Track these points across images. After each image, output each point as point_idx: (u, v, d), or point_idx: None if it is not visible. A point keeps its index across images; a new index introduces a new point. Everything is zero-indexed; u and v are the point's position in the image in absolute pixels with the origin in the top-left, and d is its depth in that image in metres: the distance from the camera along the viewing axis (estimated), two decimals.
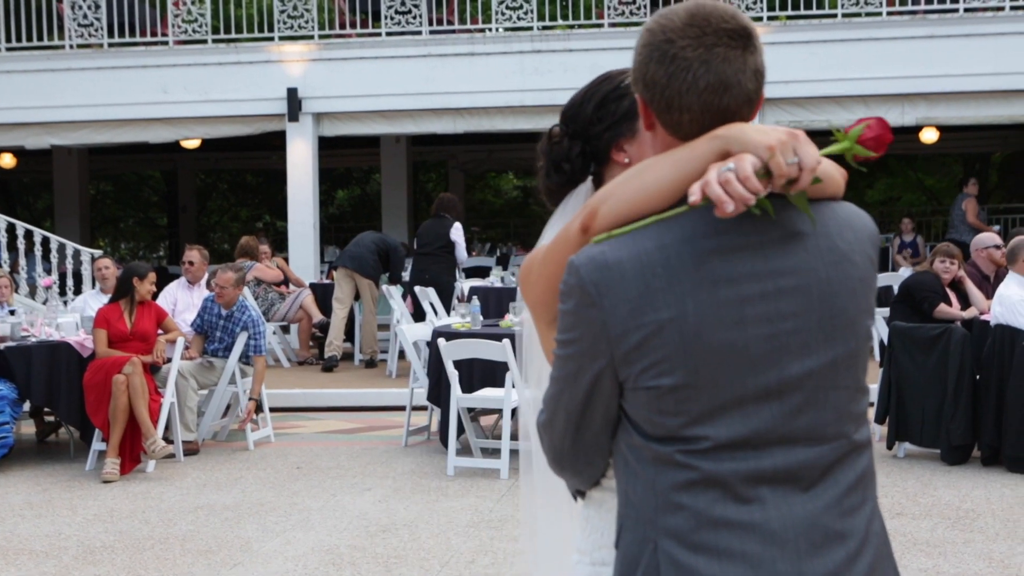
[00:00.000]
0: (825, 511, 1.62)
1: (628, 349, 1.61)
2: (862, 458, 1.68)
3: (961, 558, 5.23)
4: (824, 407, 1.64)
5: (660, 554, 1.62)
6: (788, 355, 1.61)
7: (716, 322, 1.59)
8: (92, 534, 5.99)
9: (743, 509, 1.60)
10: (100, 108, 13.51)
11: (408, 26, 13.34)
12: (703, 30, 1.62)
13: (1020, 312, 6.91)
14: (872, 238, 1.72)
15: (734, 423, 1.60)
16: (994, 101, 12.61)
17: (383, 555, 5.49)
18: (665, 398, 1.61)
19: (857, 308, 1.66)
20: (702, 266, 1.59)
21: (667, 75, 1.63)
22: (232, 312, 8.41)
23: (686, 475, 1.61)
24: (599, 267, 1.60)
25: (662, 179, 1.63)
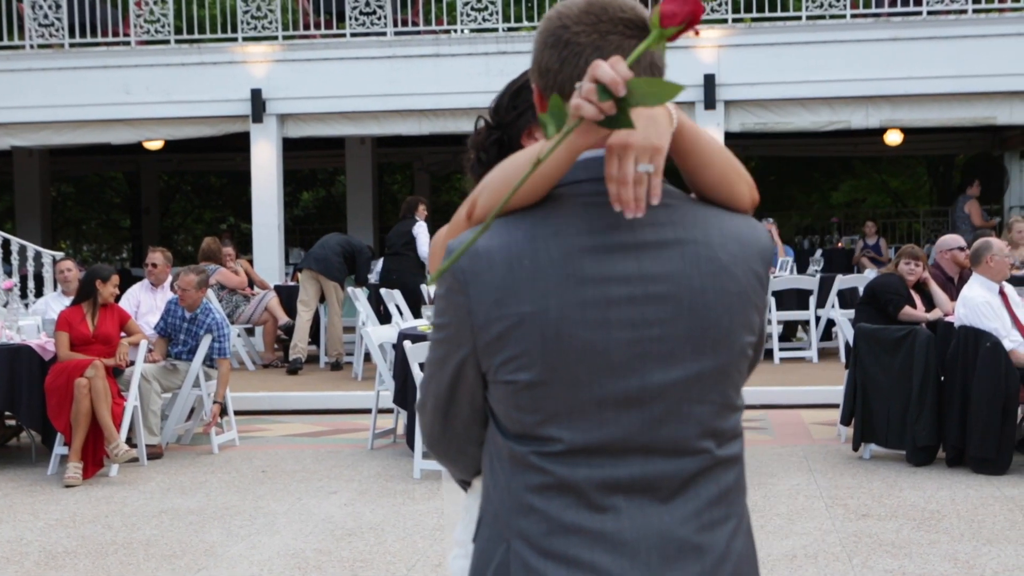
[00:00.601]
0: (682, 524, 1.59)
1: (490, 339, 1.58)
2: (728, 473, 1.64)
3: (926, 559, 5.24)
4: (687, 420, 1.60)
5: (512, 555, 1.59)
6: (651, 363, 1.57)
7: (578, 321, 1.55)
8: (54, 539, 5.92)
9: (596, 517, 1.57)
10: (61, 109, 13.39)
11: (372, 27, 13.30)
12: (599, 17, 1.59)
13: (984, 314, 6.96)
14: (761, 253, 1.66)
15: (591, 428, 1.57)
16: (957, 103, 12.74)
17: (349, 559, 5.46)
18: (522, 394, 1.58)
19: (732, 323, 1.61)
20: (570, 263, 1.56)
21: (559, 60, 1.60)
22: (196, 315, 8.34)
23: (540, 478, 1.58)
24: (469, 254, 1.58)
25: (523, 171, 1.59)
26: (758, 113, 12.94)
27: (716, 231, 1.62)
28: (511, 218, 1.60)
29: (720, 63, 12.78)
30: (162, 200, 25.63)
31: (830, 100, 12.83)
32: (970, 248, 7.60)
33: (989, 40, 12.46)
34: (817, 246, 18.71)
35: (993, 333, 6.91)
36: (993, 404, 6.84)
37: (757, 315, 1.66)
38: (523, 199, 1.59)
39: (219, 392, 8.19)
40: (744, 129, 13.15)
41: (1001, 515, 5.99)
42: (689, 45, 12.82)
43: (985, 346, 6.88)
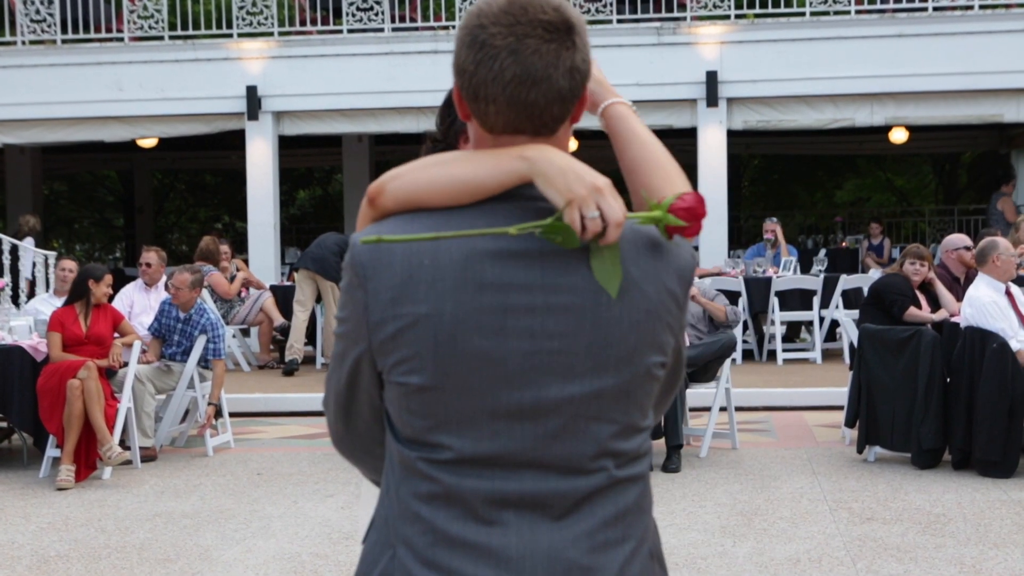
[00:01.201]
0: (572, 543, 1.53)
1: (383, 339, 1.54)
2: (626, 494, 1.58)
3: (932, 563, 5.21)
4: (583, 438, 1.54)
5: (396, 563, 1.56)
6: (548, 376, 1.52)
7: (474, 327, 1.50)
8: (46, 543, 5.88)
9: (483, 531, 1.52)
10: (54, 106, 13.34)
11: (370, 23, 13.27)
12: (517, 19, 1.53)
13: (990, 314, 6.92)
14: (680, 271, 1.59)
15: (481, 438, 1.52)
16: (963, 101, 12.72)
17: (346, 563, 5.42)
18: (413, 397, 1.54)
19: (639, 341, 1.55)
20: (471, 266, 1.51)
21: (475, 62, 1.55)
22: (190, 315, 8.28)
23: (428, 486, 1.54)
24: (373, 249, 1.54)
25: (453, 178, 1.56)
26: (761, 111, 12.90)
27: (631, 245, 1.56)
28: (418, 214, 1.56)
29: (722, 60, 12.73)
30: (156, 198, 25.56)
31: (834, 97, 12.80)
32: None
33: (995, 36, 12.44)
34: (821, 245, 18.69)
35: (1000, 333, 6.87)
36: (1000, 406, 6.81)
37: (670, 335, 1.60)
38: (441, 202, 1.56)
39: (214, 394, 8.13)
40: (747, 127, 13.11)
41: (1008, 519, 5.96)
42: (691, 42, 12.79)
43: (992, 347, 6.83)
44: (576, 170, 1.51)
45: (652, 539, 1.64)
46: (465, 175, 1.56)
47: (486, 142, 1.61)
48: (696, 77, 12.66)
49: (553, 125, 1.59)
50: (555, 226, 1.49)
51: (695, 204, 1.55)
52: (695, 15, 12.98)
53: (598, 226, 1.49)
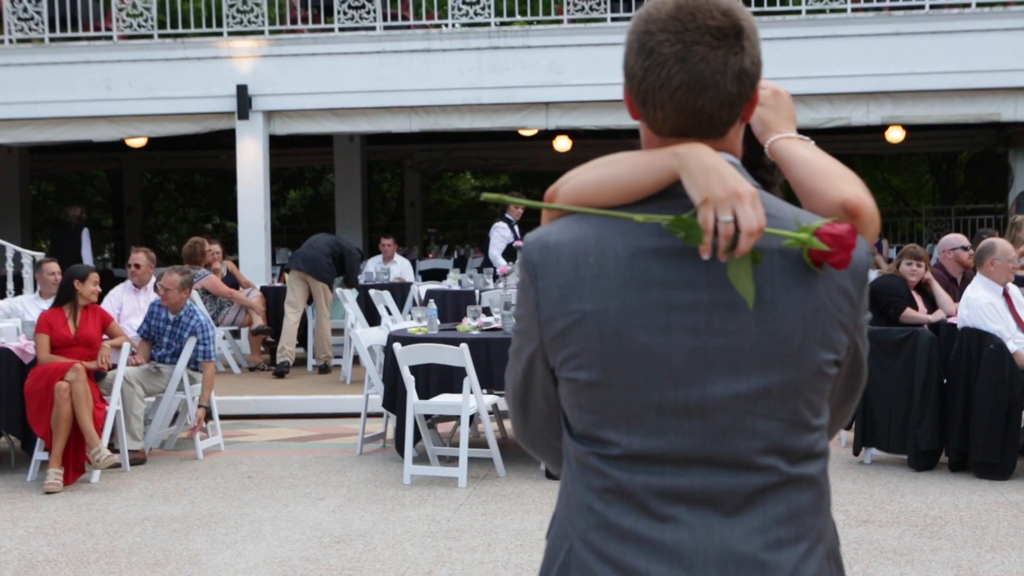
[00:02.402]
0: (746, 539, 1.54)
1: (554, 335, 1.58)
2: (801, 494, 1.58)
3: (929, 566, 5.21)
4: (751, 435, 1.55)
5: (573, 556, 1.59)
6: (714, 373, 1.54)
7: (639, 324, 1.54)
8: (34, 547, 5.85)
9: (656, 526, 1.55)
10: (41, 105, 13.27)
11: (361, 22, 13.22)
12: (686, 25, 1.56)
13: (987, 315, 6.91)
14: (854, 269, 1.58)
15: (649, 434, 1.55)
16: (961, 99, 12.72)
17: (337, 567, 5.40)
18: (582, 393, 1.58)
19: (806, 337, 1.55)
20: (636, 263, 1.55)
21: (643, 69, 1.58)
22: (180, 317, 8.23)
23: (600, 481, 1.58)
24: (541, 247, 1.59)
25: (616, 178, 1.60)
26: None
27: None
28: (579, 214, 1.61)
29: None
30: (145, 199, 25.49)
31: (830, 96, 12.78)
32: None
33: (993, 35, 12.43)
34: None
35: (997, 335, 6.85)
36: (997, 408, 6.81)
37: (844, 333, 1.59)
38: (606, 201, 1.59)
39: (204, 396, 8.08)
40: None
41: (1005, 521, 5.97)
42: None
43: (989, 348, 6.83)
44: (721, 172, 1.52)
45: (830, 540, 1.62)
46: (625, 174, 1.59)
47: (654, 143, 1.63)
48: None
49: (722, 128, 1.61)
50: (681, 220, 1.51)
51: (845, 233, 1.52)
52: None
53: (730, 231, 1.49)
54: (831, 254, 1.51)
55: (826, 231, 1.52)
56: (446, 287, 11.98)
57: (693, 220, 1.50)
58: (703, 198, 1.50)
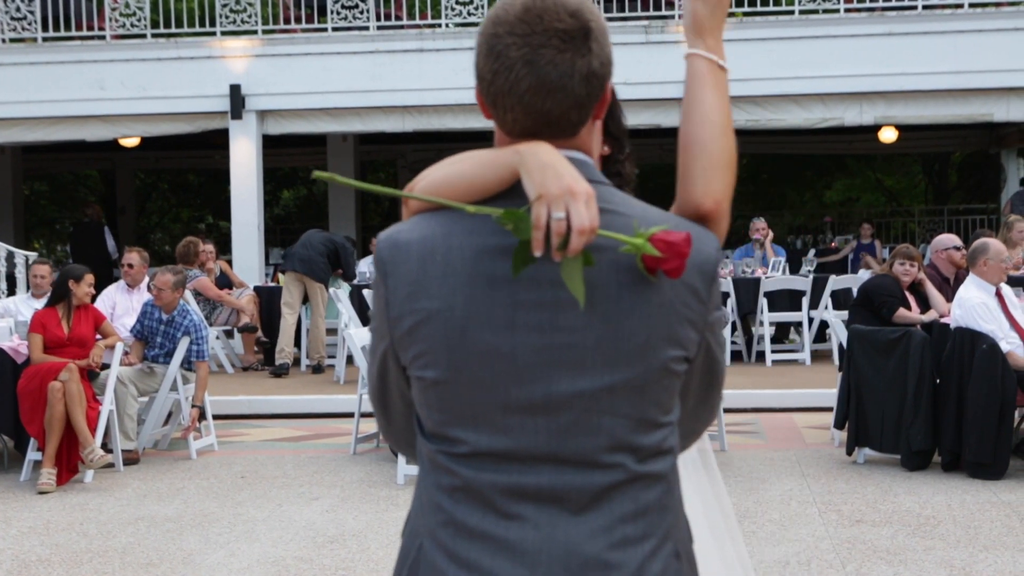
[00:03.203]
0: (590, 538, 1.54)
1: (402, 333, 1.58)
2: (649, 491, 1.58)
3: (921, 566, 5.20)
4: (596, 432, 1.54)
5: (423, 554, 1.60)
6: (559, 370, 1.53)
7: (484, 322, 1.53)
8: (27, 547, 5.84)
9: (502, 524, 1.55)
10: (34, 105, 13.24)
11: (355, 21, 13.22)
12: (533, 28, 1.55)
13: (980, 315, 6.91)
14: (701, 266, 1.58)
15: (495, 432, 1.55)
16: (953, 100, 12.73)
17: (331, 567, 5.39)
18: (430, 391, 1.58)
19: (651, 335, 1.54)
20: (481, 261, 1.54)
21: (492, 72, 1.57)
22: (173, 317, 8.21)
23: (449, 479, 1.58)
24: (392, 244, 1.60)
25: (462, 175, 1.60)
26: (750, 110, 12.87)
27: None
28: (435, 212, 1.60)
29: None
30: (138, 199, 25.42)
31: (823, 96, 12.79)
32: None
33: (986, 35, 12.45)
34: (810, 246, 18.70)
35: (990, 335, 6.85)
36: (990, 407, 6.80)
37: (692, 330, 1.58)
38: (454, 199, 1.58)
39: (197, 396, 8.07)
40: (735, 126, 12.99)
41: (998, 521, 5.96)
42: (679, 40, 12.74)
43: (982, 348, 6.82)
44: (558, 169, 1.51)
45: (680, 538, 1.62)
46: (469, 172, 1.59)
47: (505, 143, 1.62)
48: (682, 76, 12.62)
49: (572, 129, 1.61)
50: (511, 213, 1.49)
51: (679, 242, 1.50)
52: (683, 14, 12.92)
53: (562, 228, 1.47)
54: (663, 260, 1.50)
55: (660, 237, 1.50)
56: None
57: (523, 214, 1.49)
58: (537, 194, 1.49)
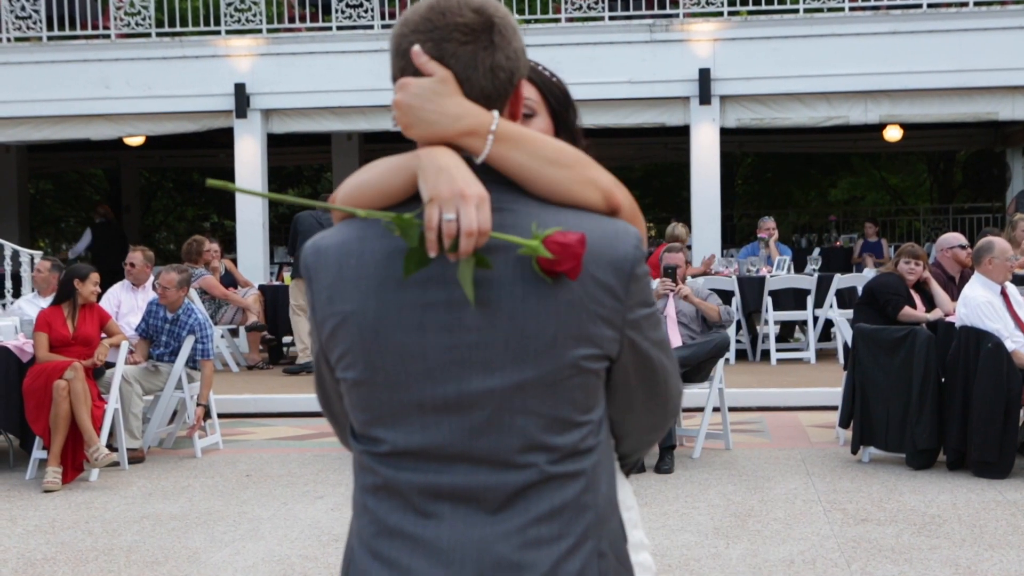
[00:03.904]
0: (503, 538, 1.55)
1: (326, 336, 1.62)
2: (565, 491, 1.57)
3: (927, 565, 5.18)
4: (508, 431, 1.55)
5: (354, 554, 1.63)
6: (469, 369, 1.55)
7: (396, 323, 1.56)
8: (33, 546, 5.83)
9: (419, 522, 1.57)
10: (39, 104, 13.25)
11: (360, 20, 13.21)
12: (435, 24, 1.57)
13: (985, 314, 6.88)
14: (614, 261, 1.56)
15: (412, 431, 1.57)
16: (958, 98, 12.70)
17: (336, 565, 5.34)
18: (352, 392, 1.61)
19: (558, 332, 1.53)
20: (392, 263, 1.56)
21: (399, 70, 1.60)
22: (178, 315, 8.22)
23: (372, 478, 1.61)
24: (315, 251, 1.63)
25: (369, 182, 1.62)
26: (754, 108, 12.86)
27: None
28: (354, 219, 1.63)
29: (715, 57, 12.69)
30: (143, 197, 25.44)
31: (828, 95, 12.77)
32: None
33: (991, 34, 12.41)
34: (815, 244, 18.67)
35: (995, 334, 6.83)
36: (995, 406, 6.78)
37: (605, 327, 1.57)
38: (366, 205, 1.60)
39: (203, 394, 8.07)
40: (740, 125, 13.08)
41: (1003, 520, 5.94)
42: (684, 39, 12.75)
43: (987, 347, 6.80)
44: (451, 173, 1.52)
45: (607, 537, 1.61)
46: (375, 178, 1.62)
47: (421, 147, 1.62)
48: (689, 75, 12.62)
49: None
50: (399, 218, 1.51)
51: (574, 243, 1.49)
52: (688, 12, 12.94)
53: (452, 230, 1.49)
54: (557, 262, 1.49)
55: (554, 239, 1.49)
56: None
57: (411, 219, 1.51)
58: (429, 196, 1.51)
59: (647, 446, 1.80)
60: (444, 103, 1.56)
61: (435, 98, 1.56)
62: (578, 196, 1.59)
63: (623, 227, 1.60)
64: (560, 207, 1.58)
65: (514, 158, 1.57)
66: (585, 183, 1.60)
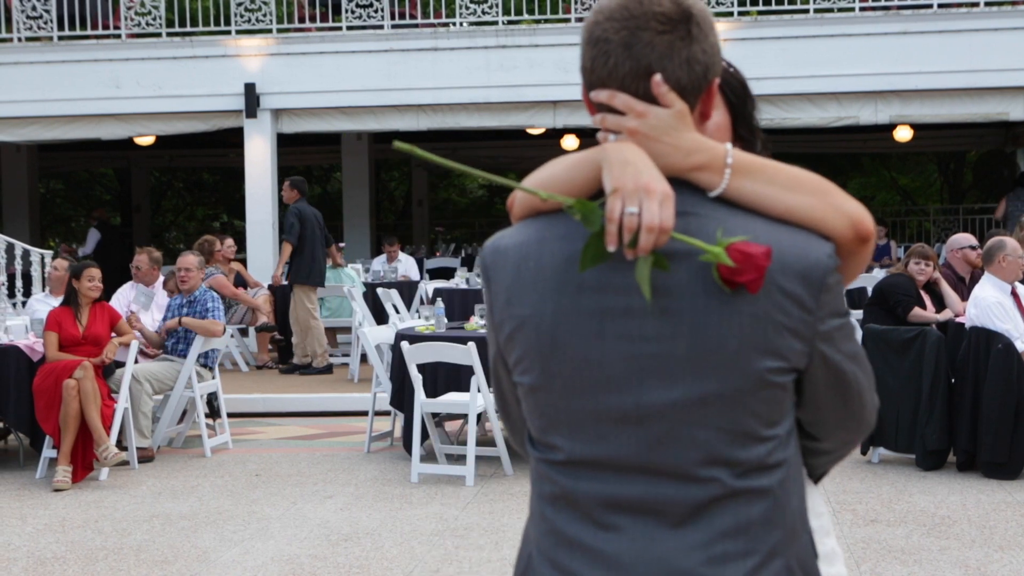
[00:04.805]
0: (687, 552, 1.50)
1: (504, 339, 1.59)
2: (751, 507, 1.51)
3: (936, 566, 5.18)
4: (689, 444, 1.50)
5: (532, 563, 1.60)
6: (649, 380, 1.50)
7: (573, 329, 1.51)
8: (43, 545, 5.84)
9: (599, 535, 1.53)
10: (50, 103, 13.27)
11: (369, 20, 13.21)
12: (632, 12, 1.52)
13: (996, 315, 6.86)
14: (804, 272, 1.49)
15: (589, 440, 1.53)
16: (969, 99, 12.64)
17: (345, 565, 5.38)
18: (528, 397, 1.58)
19: (742, 344, 1.48)
20: (571, 267, 1.52)
21: (591, 59, 1.55)
22: (194, 296, 8.38)
23: (550, 487, 1.57)
24: (494, 250, 1.61)
25: (554, 176, 1.59)
26: (764, 108, 12.62)
27: None
28: (536, 217, 1.60)
29: (726, 57, 12.63)
30: (153, 197, 25.50)
31: (838, 95, 12.73)
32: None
33: (1001, 34, 12.36)
34: None
35: (1005, 334, 6.81)
36: (1005, 407, 6.77)
37: (794, 339, 1.49)
38: (554, 204, 1.56)
39: (200, 327, 8.18)
40: None
41: (1013, 521, 5.93)
42: None
43: (997, 348, 6.78)
44: (638, 167, 1.48)
45: (795, 555, 1.55)
46: (561, 172, 1.58)
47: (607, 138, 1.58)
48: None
49: None
50: (581, 203, 1.48)
51: (758, 254, 1.44)
52: None
53: (633, 224, 1.44)
54: (738, 272, 1.44)
55: (738, 248, 1.44)
56: (453, 285, 11.96)
57: (594, 205, 1.47)
58: (613, 187, 1.47)
59: (838, 459, 1.73)
60: (680, 137, 1.52)
61: (672, 132, 1.51)
62: (821, 224, 1.53)
63: (814, 237, 1.52)
64: (752, 215, 1.52)
65: (750, 188, 1.53)
66: (830, 210, 1.54)
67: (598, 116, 1.56)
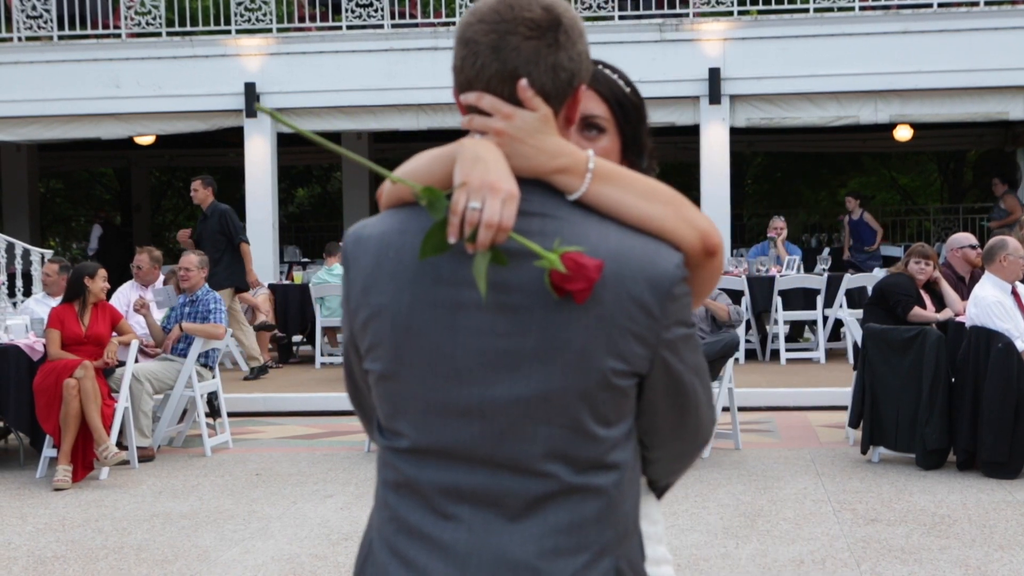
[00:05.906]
0: (522, 545, 1.54)
1: (358, 326, 1.62)
2: (586, 504, 1.55)
3: (936, 565, 5.18)
4: (531, 439, 1.53)
5: (372, 549, 1.63)
6: (496, 374, 1.53)
7: (427, 321, 1.55)
8: (43, 544, 5.84)
9: (439, 523, 1.56)
10: (50, 103, 13.29)
11: (369, 19, 13.23)
12: (503, 16, 1.55)
13: (996, 314, 6.86)
14: (651, 280, 1.53)
15: (434, 429, 1.56)
16: (969, 98, 12.66)
17: (345, 564, 5.38)
18: (378, 384, 1.61)
19: (587, 345, 1.51)
20: (429, 260, 1.55)
21: (461, 59, 1.58)
22: (197, 296, 8.40)
23: (393, 474, 1.60)
24: (355, 239, 1.64)
25: (417, 169, 1.62)
26: (764, 108, 12.84)
27: (592, 250, 1.52)
28: (398, 208, 1.64)
29: (725, 57, 12.68)
30: (153, 196, 25.49)
31: (838, 95, 12.74)
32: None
33: (1001, 33, 12.37)
34: (825, 244, 18.61)
35: (1005, 334, 6.81)
36: (1005, 406, 6.76)
37: (637, 344, 1.53)
38: (411, 193, 1.60)
39: (199, 329, 8.18)
40: (750, 124, 13.06)
41: (1013, 520, 5.93)
42: (694, 38, 12.74)
43: (997, 347, 6.78)
44: (488, 164, 1.51)
45: (623, 554, 1.59)
46: (423, 166, 1.61)
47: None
48: (699, 74, 12.61)
49: None
50: (430, 190, 1.51)
51: (590, 266, 1.47)
52: (698, 11, 12.93)
53: (474, 219, 1.47)
54: (569, 280, 1.47)
55: (572, 257, 1.47)
56: None
57: (441, 195, 1.51)
58: (461, 182, 1.50)
59: (677, 474, 1.77)
60: (544, 140, 1.55)
61: (536, 135, 1.54)
62: (672, 233, 1.57)
63: (665, 247, 1.56)
64: (607, 221, 1.56)
65: (607, 194, 1.56)
66: (680, 222, 1.58)
67: (467, 117, 1.58)
